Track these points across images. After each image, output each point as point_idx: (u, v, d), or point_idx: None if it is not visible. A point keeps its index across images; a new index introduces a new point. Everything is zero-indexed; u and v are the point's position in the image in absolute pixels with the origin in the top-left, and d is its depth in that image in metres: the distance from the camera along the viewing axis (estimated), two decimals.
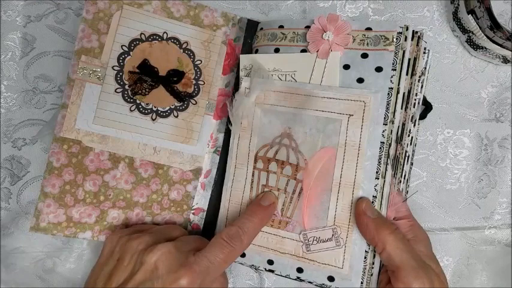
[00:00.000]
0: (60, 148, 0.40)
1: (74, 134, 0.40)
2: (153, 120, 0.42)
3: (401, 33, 0.37)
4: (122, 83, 0.41)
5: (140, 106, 0.41)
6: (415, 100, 0.39)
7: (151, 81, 0.42)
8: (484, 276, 0.46)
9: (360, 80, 0.38)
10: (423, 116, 0.43)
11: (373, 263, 0.37)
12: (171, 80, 0.42)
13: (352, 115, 0.37)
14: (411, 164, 0.43)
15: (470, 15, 0.41)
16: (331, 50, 0.39)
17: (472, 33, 0.43)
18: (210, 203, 0.44)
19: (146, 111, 0.42)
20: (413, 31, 0.37)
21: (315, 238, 0.38)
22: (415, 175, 0.45)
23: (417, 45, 0.38)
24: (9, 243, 0.45)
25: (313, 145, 0.39)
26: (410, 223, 0.38)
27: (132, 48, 0.41)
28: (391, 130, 0.37)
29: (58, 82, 0.45)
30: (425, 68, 0.40)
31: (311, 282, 0.39)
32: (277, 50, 0.41)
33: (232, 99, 0.42)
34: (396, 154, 0.37)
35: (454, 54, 0.46)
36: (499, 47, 0.41)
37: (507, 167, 0.45)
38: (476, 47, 0.44)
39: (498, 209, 0.46)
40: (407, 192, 0.42)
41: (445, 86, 0.46)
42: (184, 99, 0.42)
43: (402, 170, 0.39)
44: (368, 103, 0.37)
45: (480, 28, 0.41)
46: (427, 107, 0.43)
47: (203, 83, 0.43)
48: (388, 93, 0.37)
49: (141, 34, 0.42)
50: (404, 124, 0.38)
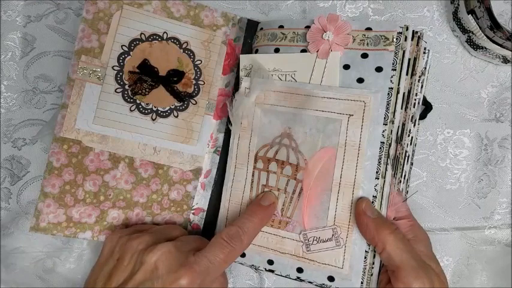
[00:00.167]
0: (60, 148, 0.40)
1: (74, 134, 0.40)
2: (153, 120, 0.42)
3: (401, 33, 0.37)
4: (122, 83, 0.41)
5: (140, 106, 0.41)
6: (415, 100, 0.39)
7: (151, 81, 0.42)
8: (484, 276, 0.46)
9: (360, 80, 0.38)
10: (423, 116, 0.43)
11: (373, 263, 0.37)
12: (171, 80, 0.42)
13: (352, 115, 0.37)
14: (411, 164, 0.43)
15: (470, 15, 0.41)
16: (331, 50, 0.39)
17: (472, 33, 0.43)
18: (210, 203, 0.44)
19: (146, 111, 0.42)
20: (413, 31, 0.37)
21: (315, 238, 0.38)
22: (415, 175, 0.45)
23: (417, 45, 0.38)
24: (9, 243, 0.45)
25: (313, 145, 0.39)
26: (410, 223, 0.38)
27: (132, 48, 0.41)
28: (391, 130, 0.37)
29: (58, 82, 0.45)
30: (425, 68, 0.40)
31: (311, 282, 0.39)
32: (277, 50, 0.41)
33: (232, 99, 0.42)
34: (396, 154, 0.37)
35: (454, 54, 0.46)
36: (499, 47, 0.41)
37: (507, 167, 0.45)
38: (476, 47, 0.44)
39: (498, 209, 0.46)
40: (407, 192, 0.42)
41: (445, 86, 0.46)
42: (184, 99, 0.42)
43: (402, 170, 0.39)
44: (368, 103, 0.37)
45: (480, 28, 0.41)
46: (427, 107, 0.43)
47: (203, 83, 0.43)
48: (388, 93, 0.37)
49: (141, 34, 0.42)
50: (404, 124, 0.38)
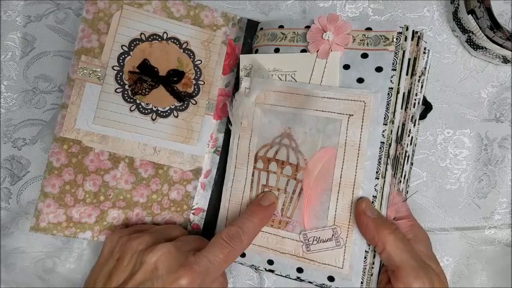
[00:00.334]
0: (60, 148, 0.40)
1: (74, 134, 0.40)
2: (153, 120, 0.42)
3: (401, 33, 0.37)
4: (122, 83, 0.41)
5: (140, 106, 0.41)
6: (415, 100, 0.39)
7: (151, 81, 0.42)
8: (484, 276, 0.46)
9: (360, 80, 0.38)
10: (423, 116, 0.43)
11: (373, 263, 0.37)
12: (171, 80, 0.42)
13: (352, 115, 0.37)
14: (411, 164, 0.43)
15: (470, 15, 0.41)
16: (331, 50, 0.39)
17: (472, 33, 0.43)
18: (210, 203, 0.43)
19: (146, 111, 0.42)
20: (413, 31, 0.37)
21: (315, 238, 0.38)
22: (415, 175, 0.45)
23: (417, 45, 0.38)
24: (9, 243, 0.45)
25: (313, 145, 0.39)
26: (410, 223, 0.38)
27: (132, 48, 0.41)
28: (391, 130, 0.37)
29: (58, 82, 0.45)
30: (425, 68, 0.40)
31: (311, 282, 0.39)
32: (277, 50, 0.41)
33: (232, 99, 0.42)
34: (396, 154, 0.37)
35: (454, 54, 0.46)
36: (499, 47, 0.41)
37: (507, 167, 0.45)
38: (476, 47, 0.44)
39: (498, 209, 0.46)
40: (407, 192, 0.42)
41: (445, 86, 0.46)
42: (184, 99, 0.42)
43: (402, 170, 0.39)
44: (368, 103, 0.37)
45: (480, 28, 0.41)
46: (427, 107, 0.43)
47: (203, 83, 0.43)
48: (388, 93, 0.37)
49: (141, 34, 0.42)
50: (404, 124, 0.38)
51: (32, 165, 0.45)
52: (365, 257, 0.37)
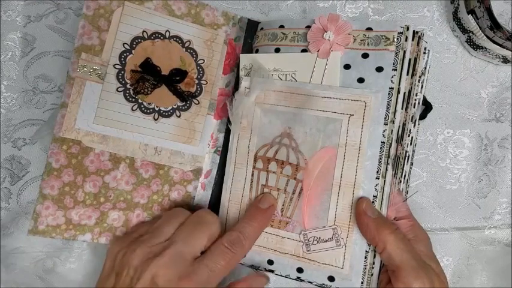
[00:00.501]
0: (59, 148, 0.39)
1: (74, 134, 0.40)
2: (156, 120, 0.42)
3: (401, 33, 0.37)
4: (124, 82, 0.41)
5: (142, 106, 0.41)
6: (415, 100, 0.39)
7: (153, 80, 0.41)
8: (484, 276, 0.47)
9: (361, 80, 0.38)
10: (423, 116, 0.44)
11: (373, 263, 0.37)
12: (174, 80, 0.42)
13: (352, 115, 0.37)
14: (411, 164, 0.43)
15: (470, 15, 0.41)
16: (331, 50, 0.39)
17: (472, 33, 0.43)
18: (210, 203, 0.43)
19: (148, 110, 0.41)
20: (413, 31, 0.37)
21: (315, 238, 0.38)
22: (415, 175, 0.46)
23: (417, 45, 0.38)
24: (9, 243, 0.45)
25: (313, 145, 0.39)
26: (410, 223, 0.38)
27: (134, 46, 0.41)
28: (392, 130, 0.37)
29: (58, 82, 0.45)
30: (425, 68, 0.40)
31: (311, 282, 0.39)
32: (277, 50, 0.41)
33: (232, 98, 0.42)
34: (396, 154, 0.37)
35: (454, 54, 0.46)
36: (499, 47, 0.41)
37: (507, 167, 0.46)
38: (476, 47, 0.44)
39: (498, 209, 0.46)
40: (407, 192, 0.42)
41: (445, 86, 0.46)
42: (187, 99, 0.42)
43: (402, 170, 0.39)
44: (368, 103, 0.37)
45: (480, 28, 0.41)
46: (427, 107, 0.43)
47: (205, 83, 0.43)
48: (389, 93, 0.37)
49: (143, 32, 0.41)
50: (404, 124, 0.38)
51: (32, 165, 0.45)
52: (365, 257, 0.37)
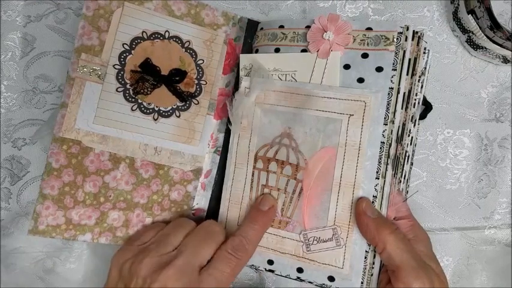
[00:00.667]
0: (59, 148, 0.39)
1: (74, 134, 0.40)
2: (155, 120, 0.42)
3: (401, 33, 0.37)
4: (124, 82, 0.41)
5: (142, 106, 0.41)
6: (415, 100, 0.39)
7: (153, 80, 0.41)
8: (484, 276, 0.46)
9: (360, 80, 0.38)
10: (423, 116, 0.44)
11: (373, 263, 0.37)
12: (174, 80, 0.42)
13: (352, 115, 0.37)
14: (411, 164, 0.43)
15: (470, 15, 0.41)
16: (331, 50, 0.39)
17: (472, 33, 0.43)
18: (210, 203, 0.43)
19: (148, 110, 0.41)
20: (413, 31, 0.37)
21: (315, 238, 0.38)
22: (415, 175, 0.46)
23: (417, 45, 0.38)
24: (9, 243, 0.45)
25: (313, 145, 0.39)
26: (410, 223, 0.38)
27: (134, 46, 0.41)
28: (392, 130, 0.37)
29: (58, 82, 0.45)
30: (425, 68, 0.40)
31: (311, 282, 0.39)
32: (277, 50, 0.41)
33: (232, 98, 0.42)
34: (396, 154, 0.37)
35: (454, 54, 0.46)
36: (499, 47, 0.41)
37: (507, 167, 0.46)
38: (476, 47, 0.44)
39: (498, 209, 0.46)
40: (407, 192, 0.42)
41: (445, 86, 0.46)
42: (186, 99, 0.42)
43: (402, 170, 0.39)
44: (368, 103, 0.37)
45: (480, 28, 0.41)
46: (427, 107, 0.43)
47: (205, 83, 0.43)
48: (389, 93, 0.37)
49: (143, 32, 0.41)
50: (404, 124, 0.38)
51: (32, 165, 0.45)
52: (365, 257, 0.37)
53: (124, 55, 0.41)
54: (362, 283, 0.37)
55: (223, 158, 0.43)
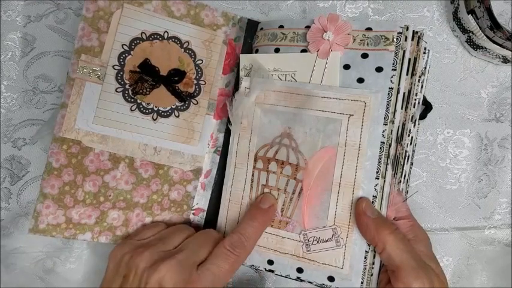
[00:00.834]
0: (59, 148, 0.40)
1: (74, 134, 0.40)
2: (154, 120, 0.42)
3: (401, 33, 0.37)
4: (123, 83, 0.41)
5: (141, 106, 0.41)
6: (415, 100, 0.39)
7: (152, 80, 0.41)
8: (484, 276, 0.46)
9: (360, 80, 0.38)
10: (423, 116, 0.44)
11: (373, 263, 0.37)
12: (172, 80, 0.42)
13: (352, 115, 0.37)
14: (411, 164, 0.43)
15: (470, 15, 0.41)
16: (331, 50, 0.39)
17: (472, 33, 0.43)
18: (210, 203, 0.43)
19: (147, 111, 0.42)
20: (413, 31, 0.37)
21: (315, 238, 0.38)
22: (415, 175, 0.46)
23: (417, 45, 0.38)
24: (9, 243, 0.45)
25: (313, 145, 0.39)
26: (410, 223, 0.38)
27: (133, 47, 0.41)
28: (391, 130, 0.37)
29: (58, 82, 0.45)
30: (425, 68, 0.40)
31: (311, 282, 0.39)
32: (277, 50, 0.41)
33: (232, 99, 0.42)
34: (396, 154, 0.37)
35: (454, 54, 0.46)
36: (499, 47, 0.41)
37: (507, 167, 0.46)
38: (476, 47, 0.44)
39: (498, 209, 0.46)
40: (407, 192, 0.42)
41: (445, 86, 0.46)
42: (185, 99, 0.42)
43: (402, 170, 0.39)
44: (368, 103, 0.37)
45: (480, 28, 0.41)
46: (427, 107, 0.43)
47: (204, 83, 0.43)
48: (389, 93, 0.37)
49: (142, 33, 0.41)
50: (404, 124, 0.38)
51: (32, 165, 0.45)
52: (365, 257, 0.37)
53: (123, 56, 0.41)
54: (362, 283, 0.37)
55: (223, 158, 0.43)
